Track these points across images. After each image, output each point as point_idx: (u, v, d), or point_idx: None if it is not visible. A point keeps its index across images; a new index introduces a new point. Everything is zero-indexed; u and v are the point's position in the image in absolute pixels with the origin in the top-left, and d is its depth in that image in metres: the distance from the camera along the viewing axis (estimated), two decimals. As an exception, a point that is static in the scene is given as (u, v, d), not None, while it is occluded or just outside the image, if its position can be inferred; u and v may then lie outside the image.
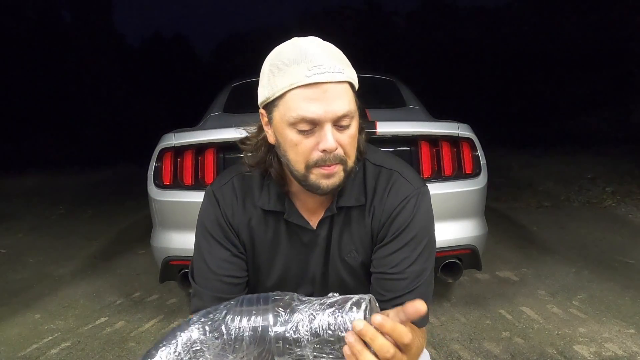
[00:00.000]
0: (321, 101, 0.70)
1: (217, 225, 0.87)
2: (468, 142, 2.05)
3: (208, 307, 0.84)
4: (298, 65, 0.70)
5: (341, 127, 0.73)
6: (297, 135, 0.73)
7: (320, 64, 0.69)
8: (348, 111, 0.72)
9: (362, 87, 0.80)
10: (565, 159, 7.56)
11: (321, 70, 0.69)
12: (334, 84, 0.70)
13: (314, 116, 0.70)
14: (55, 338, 2.21)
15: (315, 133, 0.72)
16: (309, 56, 0.70)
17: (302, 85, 0.70)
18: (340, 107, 0.70)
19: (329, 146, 0.71)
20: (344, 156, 0.74)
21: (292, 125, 0.72)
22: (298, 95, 0.70)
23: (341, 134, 0.73)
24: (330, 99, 0.70)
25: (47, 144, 12.67)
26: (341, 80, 0.71)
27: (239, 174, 0.89)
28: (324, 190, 0.76)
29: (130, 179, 6.63)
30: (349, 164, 0.76)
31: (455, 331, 2.13)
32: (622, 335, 2.01)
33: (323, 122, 0.71)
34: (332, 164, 0.73)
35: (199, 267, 0.88)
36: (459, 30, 18.58)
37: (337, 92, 0.70)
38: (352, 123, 0.74)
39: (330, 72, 0.69)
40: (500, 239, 3.54)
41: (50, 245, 3.97)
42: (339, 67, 0.71)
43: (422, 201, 0.84)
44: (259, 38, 18.57)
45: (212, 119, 2.51)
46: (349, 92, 0.73)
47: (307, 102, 0.70)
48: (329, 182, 0.75)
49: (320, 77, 0.69)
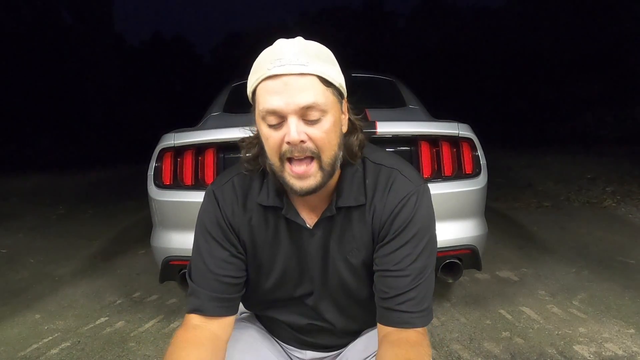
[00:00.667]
0: (282, 93, 0.71)
1: (217, 225, 0.87)
2: (468, 142, 2.04)
3: (205, 306, 0.85)
4: (264, 61, 0.73)
5: (310, 120, 0.73)
6: (268, 129, 0.74)
7: (281, 58, 0.71)
8: (313, 102, 0.71)
9: (362, 87, 0.81)
10: (565, 159, 7.57)
11: (281, 63, 0.71)
12: (296, 76, 0.71)
13: (276, 108, 0.71)
14: (55, 338, 2.21)
15: (283, 126, 0.73)
16: (275, 52, 0.72)
17: (265, 78, 0.72)
18: (302, 99, 0.71)
19: (291, 138, 0.71)
20: (315, 150, 0.74)
21: (263, 119, 0.74)
22: (263, 88, 0.73)
23: (311, 127, 0.73)
24: (292, 91, 0.71)
25: (47, 144, 12.67)
26: (303, 73, 0.71)
27: (240, 174, 0.89)
28: (299, 192, 0.76)
29: (130, 179, 6.64)
30: (324, 160, 0.75)
31: (455, 331, 2.13)
32: (622, 335, 2.01)
33: (286, 114, 0.72)
34: (302, 157, 0.73)
35: (198, 267, 0.88)
36: (459, 30, 18.58)
37: (300, 84, 0.71)
38: (325, 117, 0.74)
39: (290, 65, 0.71)
40: (500, 239, 3.54)
41: (50, 245, 3.97)
42: (302, 60, 0.71)
43: (423, 199, 0.84)
44: (259, 38, 18.61)
45: (212, 119, 2.51)
46: (317, 85, 0.72)
47: (270, 95, 0.72)
48: (302, 184, 0.75)
49: (279, 70, 0.71)
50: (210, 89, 4.48)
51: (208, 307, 0.85)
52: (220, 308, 0.86)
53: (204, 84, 15.92)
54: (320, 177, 0.76)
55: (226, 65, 18.86)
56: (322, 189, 0.79)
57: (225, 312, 0.86)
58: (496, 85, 16.17)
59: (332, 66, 0.76)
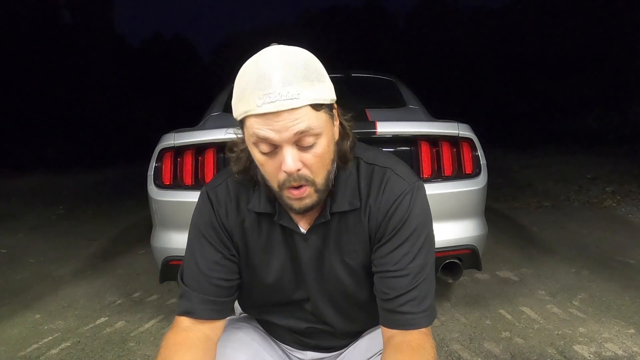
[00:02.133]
0: (274, 126, 0.68)
1: (210, 226, 0.86)
2: (468, 142, 2.04)
3: (196, 309, 0.84)
4: (252, 91, 0.68)
5: (304, 146, 0.71)
6: (262, 156, 0.73)
7: (271, 92, 0.67)
8: (307, 127, 0.69)
9: (362, 87, 0.80)
10: (565, 159, 7.57)
11: (271, 99, 0.67)
12: (288, 111, 0.67)
13: (268, 137, 0.69)
14: (55, 338, 2.21)
15: (277, 154, 0.71)
16: (263, 81, 0.67)
17: (255, 115, 0.69)
18: (296, 128, 0.68)
19: (288, 169, 0.70)
20: (309, 176, 0.73)
21: (255, 145, 0.72)
22: (254, 121, 0.70)
23: (305, 153, 0.71)
24: (284, 123, 0.68)
25: (47, 144, 12.66)
26: (296, 107, 0.67)
27: (234, 175, 0.88)
28: (297, 211, 0.77)
29: (130, 179, 6.64)
30: (318, 183, 0.75)
31: (455, 331, 2.13)
32: (622, 335, 2.01)
33: (281, 144, 0.70)
34: (299, 184, 0.73)
35: (190, 268, 0.87)
36: (459, 30, 18.58)
37: (293, 116, 0.68)
38: (319, 141, 0.72)
39: (280, 101, 0.66)
40: (500, 239, 3.54)
41: (50, 245, 3.97)
42: (292, 93, 0.67)
43: (418, 196, 0.83)
44: (259, 38, 18.61)
45: (212, 119, 2.51)
46: (309, 113, 0.69)
47: (262, 127, 0.69)
48: (300, 203, 0.76)
49: (270, 107, 0.67)
50: (210, 89, 4.48)
51: (198, 310, 0.84)
52: (211, 311, 0.84)
53: (204, 84, 15.92)
54: (316, 197, 0.76)
55: (226, 65, 18.87)
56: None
57: (216, 315, 0.85)
58: (496, 85, 16.17)
59: (322, 83, 0.71)
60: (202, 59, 25.27)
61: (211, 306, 0.84)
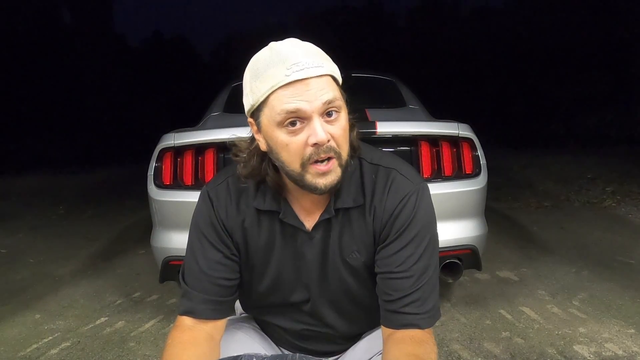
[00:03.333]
0: (303, 96, 0.70)
1: (211, 226, 0.86)
2: (468, 142, 2.04)
3: (197, 308, 0.83)
4: (276, 66, 0.70)
5: (330, 118, 0.73)
6: (287, 135, 0.72)
7: (298, 62, 0.70)
8: (334, 97, 0.72)
9: (362, 87, 0.81)
10: (565, 159, 7.56)
11: (300, 67, 0.70)
12: (315, 78, 0.70)
13: (299, 111, 0.70)
14: (55, 338, 2.21)
15: (304, 129, 0.72)
16: (286, 56, 0.71)
17: (283, 86, 0.70)
18: (324, 98, 0.71)
19: (320, 138, 0.71)
20: (337, 148, 0.74)
21: (280, 125, 0.72)
22: (280, 95, 0.71)
23: (331, 125, 0.73)
24: (313, 92, 0.70)
25: (47, 144, 12.66)
26: (322, 74, 0.71)
27: (235, 175, 0.87)
28: (322, 189, 0.75)
29: (130, 179, 6.63)
30: (343, 157, 0.76)
31: (455, 331, 2.13)
32: (622, 335, 2.01)
33: (310, 115, 0.71)
34: (327, 157, 0.73)
35: (191, 268, 0.87)
36: (459, 30, 18.59)
37: (320, 85, 0.71)
38: (341, 114, 0.75)
39: (309, 68, 0.70)
40: (500, 239, 3.54)
41: (50, 245, 3.97)
42: (317, 62, 0.71)
43: (423, 198, 0.83)
44: (259, 38, 18.64)
45: (212, 119, 2.51)
46: (332, 83, 0.73)
47: (291, 98, 0.70)
48: (326, 181, 0.75)
49: (299, 74, 0.69)
50: (210, 89, 4.47)
51: (200, 309, 0.84)
52: (213, 311, 0.84)
53: (204, 84, 15.91)
54: (340, 173, 0.76)
55: (226, 66, 18.86)
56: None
57: (217, 315, 0.85)
58: (496, 85, 16.17)
59: (334, 64, 0.77)
60: (202, 59, 25.26)
61: (212, 306, 0.84)
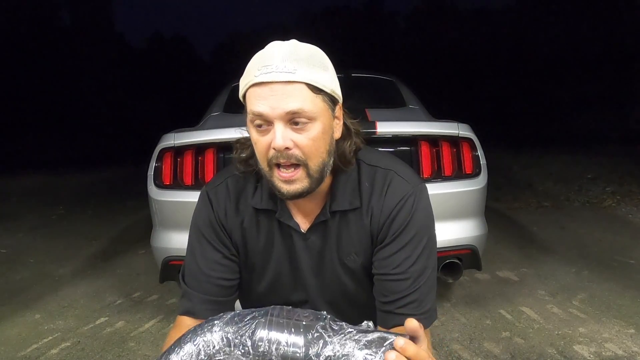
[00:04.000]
0: (268, 99, 0.71)
1: (210, 226, 0.87)
2: (468, 142, 2.04)
3: (197, 308, 0.83)
4: (254, 65, 0.73)
5: (296, 126, 0.72)
6: (256, 133, 0.74)
7: (269, 64, 0.71)
8: (299, 109, 0.71)
9: (362, 87, 0.80)
10: (565, 159, 7.56)
11: (268, 70, 0.71)
12: (282, 83, 0.70)
13: (262, 112, 0.71)
14: (55, 338, 2.21)
15: (269, 131, 0.73)
16: (264, 57, 0.72)
17: (253, 84, 0.72)
18: (288, 105, 0.70)
19: (277, 144, 0.71)
20: (301, 157, 0.73)
21: (252, 123, 0.74)
22: (252, 93, 0.73)
23: (298, 134, 0.73)
24: (278, 97, 0.70)
25: (47, 144, 12.67)
26: (290, 80, 0.70)
27: (234, 175, 0.88)
28: (285, 195, 0.76)
29: (130, 179, 6.64)
30: (310, 167, 0.75)
31: (455, 331, 2.13)
32: (622, 335, 2.01)
33: (272, 120, 0.72)
34: (288, 164, 0.73)
35: (191, 268, 0.87)
36: (459, 30, 18.58)
37: (286, 91, 0.70)
38: (313, 124, 0.73)
39: (276, 72, 0.70)
40: (500, 239, 3.54)
41: (50, 245, 3.97)
42: (289, 67, 0.70)
43: (420, 199, 0.83)
44: (259, 38, 18.66)
45: (212, 119, 2.51)
46: (304, 92, 0.71)
47: (257, 100, 0.72)
48: (289, 187, 0.75)
49: (265, 77, 0.71)
50: (210, 89, 4.47)
51: (199, 310, 0.84)
52: (212, 311, 0.83)
53: (204, 84, 15.91)
54: (308, 183, 0.76)
55: (226, 65, 18.86)
56: (315, 194, 0.79)
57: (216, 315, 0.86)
58: (496, 85, 16.17)
59: (324, 72, 0.74)
60: (203, 59, 25.27)
61: (212, 306, 0.84)
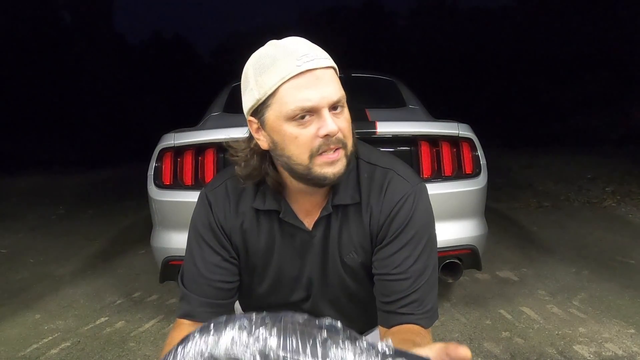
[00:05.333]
0: (316, 87, 0.71)
1: (209, 229, 0.86)
2: (468, 142, 2.04)
3: (196, 311, 0.83)
4: (285, 59, 0.71)
5: (336, 111, 0.74)
6: (296, 128, 0.73)
7: (307, 53, 0.72)
8: (342, 95, 0.74)
9: (362, 87, 0.81)
10: (565, 159, 7.56)
11: (310, 58, 0.71)
12: (324, 69, 0.72)
13: (312, 104, 0.71)
14: (55, 338, 2.21)
15: (313, 122, 0.73)
16: (294, 49, 0.73)
17: (294, 76, 0.71)
18: (334, 92, 0.73)
19: (331, 129, 0.72)
20: (344, 139, 0.75)
21: (290, 119, 0.72)
22: (291, 87, 0.71)
23: (338, 118, 0.74)
24: (323, 84, 0.72)
25: (47, 144, 12.66)
26: (328, 66, 0.74)
27: (233, 177, 0.87)
28: (331, 178, 0.75)
29: (130, 179, 6.63)
30: (348, 149, 0.77)
31: (455, 331, 2.13)
32: (622, 335, 2.01)
33: (321, 109, 0.72)
34: (335, 147, 0.74)
35: (190, 271, 0.86)
36: (459, 30, 18.58)
37: (328, 77, 0.73)
38: (345, 108, 0.77)
39: (318, 59, 0.72)
40: (500, 239, 3.54)
41: (50, 245, 3.97)
42: (323, 54, 0.74)
43: (420, 198, 0.83)
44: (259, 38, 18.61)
45: (212, 119, 2.51)
46: (336, 77, 0.75)
47: (303, 90, 0.71)
48: (334, 170, 0.75)
49: (310, 64, 0.71)
50: (210, 89, 4.48)
51: (199, 312, 0.83)
52: (211, 314, 0.84)
53: (204, 84, 15.91)
54: (345, 164, 0.77)
55: (226, 65, 18.86)
56: (319, 189, 0.80)
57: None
58: (496, 85, 16.17)
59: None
60: (203, 59, 25.27)
61: (211, 309, 0.84)
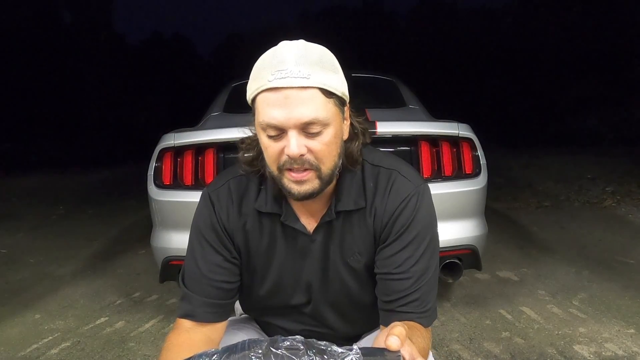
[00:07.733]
0: (283, 107, 0.69)
1: (212, 229, 0.86)
2: (468, 142, 2.04)
3: (197, 311, 0.83)
4: (266, 69, 0.70)
5: (311, 133, 0.71)
6: (267, 139, 0.73)
7: (284, 69, 0.68)
8: (314, 118, 0.69)
9: (362, 87, 0.80)
10: (565, 159, 7.56)
11: (282, 75, 0.68)
12: (297, 89, 0.68)
13: (276, 122, 0.69)
14: (55, 338, 2.21)
15: (282, 138, 0.72)
16: (279, 60, 0.70)
17: (265, 90, 0.69)
18: (303, 113, 0.69)
19: (291, 152, 0.70)
20: (314, 162, 0.73)
21: (262, 130, 0.73)
22: (263, 99, 0.70)
23: (311, 140, 0.72)
24: (293, 105, 0.68)
25: (46, 144, 12.67)
26: (304, 86, 0.68)
27: (236, 177, 0.87)
28: (296, 195, 0.75)
29: (130, 179, 6.64)
30: (323, 170, 0.74)
31: (455, 331, 2.13)
32: (622, 335, 2.01)
33: (286, 129, 0.70)
34: (301, 169, 0.73)
35: (191, 271, 0.86)
36: (459, 30, 18.59)
37: (301, 98, 0.68)
38: (326, 130, 0.72)
39: (292, 77, 0.68)
40: (500, 239, 3.54)
41: (50, 245, 3.97)
42: (304, 72, 0.68)
43: (423, 199, 0.83)
44: (259, 38, 18.64)
45: (212, 119, 2.51)
46: (318, 98, 0.70)
47: (270, 107, 0.69)
48: (300, 188, 0.74)
49: (280, 82, 0.68)
50: (210, 89, 4.48)
51: (199, 312, 0.83)
52: (212, 314, 0.84)
53: (204, 84, 15.91)
54: (318, 185, 0.75)
55: (226, 65, 18.86)
56: (321, 194, 0.79)
57: (217, 318, 0.85)
58: (496, 85, 16.17)
59: (335, 74, 0.73)
60: (203, 59, 25.28)
61: (212, 309, 0.84)
